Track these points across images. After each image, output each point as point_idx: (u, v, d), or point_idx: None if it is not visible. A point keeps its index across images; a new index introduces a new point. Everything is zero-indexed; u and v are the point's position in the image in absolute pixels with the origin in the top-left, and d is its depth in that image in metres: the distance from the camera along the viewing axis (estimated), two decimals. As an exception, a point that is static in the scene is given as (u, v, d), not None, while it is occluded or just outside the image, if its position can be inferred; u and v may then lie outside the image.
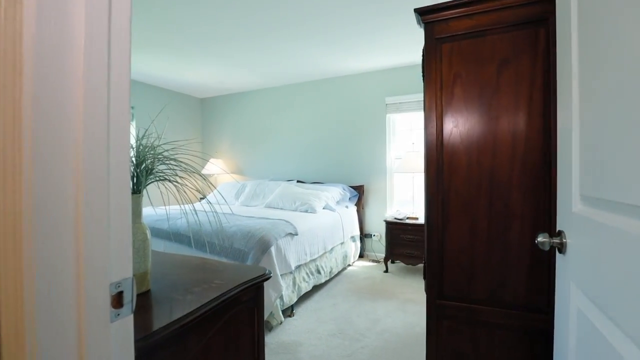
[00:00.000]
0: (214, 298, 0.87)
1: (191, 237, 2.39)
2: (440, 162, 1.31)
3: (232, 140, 5.19)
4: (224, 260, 2.24)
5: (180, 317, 0.76)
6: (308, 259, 2.66)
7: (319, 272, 2.89)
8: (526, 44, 1.19)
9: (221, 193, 4.33)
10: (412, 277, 3.39)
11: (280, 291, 2.14)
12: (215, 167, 4.90)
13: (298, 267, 2.56)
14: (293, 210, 3.36)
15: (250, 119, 5.00)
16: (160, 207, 3.99)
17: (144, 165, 0.93)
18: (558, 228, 0.92)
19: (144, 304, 0.85)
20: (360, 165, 4.17)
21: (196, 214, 1.09)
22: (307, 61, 3.76)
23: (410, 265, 3.56)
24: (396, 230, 3.47)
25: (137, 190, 0.92)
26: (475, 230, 1.26)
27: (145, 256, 0.90)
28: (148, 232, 0.94)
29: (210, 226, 2.40)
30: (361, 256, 4.09)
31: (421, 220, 3.46)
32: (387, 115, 4.04)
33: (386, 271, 3.55)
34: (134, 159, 0.93)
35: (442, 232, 1.32)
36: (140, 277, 0.89)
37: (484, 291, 1.26)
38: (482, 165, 1.25)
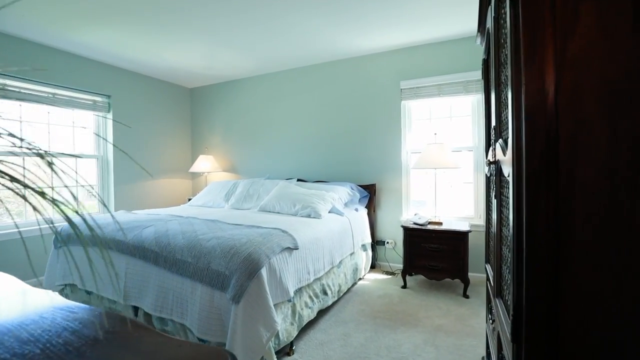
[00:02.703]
0: None
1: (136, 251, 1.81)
2: (552, 138, 0.73)
3: (224, 134, 4.62)
4: (198, 286, 1.66)
5: None
6: (312, 279, 2.08)
7: (325, 292, 2.31)
8: None
9: (209, 194, 3.75)
10: (437, 294, 2.81)
11: (275, 328, 1.57)
12: (204, 164, 4.33)
13: (299, 290, 1.99)
14: (293, 215, 2.78)
15: (244, 110, 4.43)
16: (138, 210, 3.41)
17: None
18: None
19: None
20: (370, 161, 3.59)
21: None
22: (308, 40, 3.18)
23: (433, 280, 2.98)
24: (416, 238, 2.89)
25: None
26: (629, 267, 0.68)
27: None
28: None
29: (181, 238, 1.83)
30: (373, 267, 3.52)
31: (446, 225, 2.88)
32: (402, 103, 3.46)
33: (404, 286, 2.97)
34: None
35: (555, 265, 0.74)
36: None
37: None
38: (640, 143, 0.67)
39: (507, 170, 0.88)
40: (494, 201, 1.19)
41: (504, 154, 0.95)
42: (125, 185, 4.03)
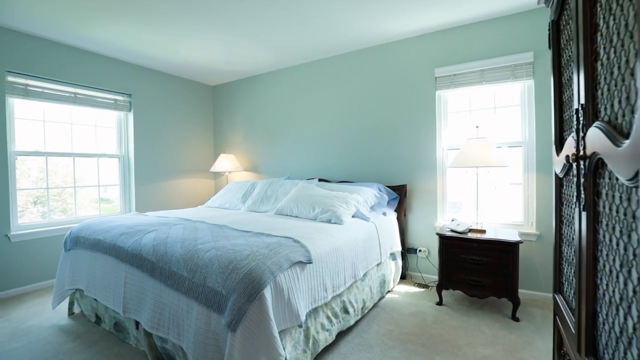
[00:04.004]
0: None
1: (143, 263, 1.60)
2: None
3: (245, 132, 4.44)
4: (194, 305, 1.42)
5: None
6: (329, 297, 1.78)
7: (346, 311, 2.00)
8: None
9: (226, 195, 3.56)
10: (479, 314, 2.39)
11: (280, 362, 1.29)
12: (225, 164, 4.17)
13: (314, 310, 1.70)
14: (311, 220, 2.50)
15: (265, 107, 4.22)
16: (154, 211, 3.28)
17: None
18: None
19: None
20: (401, 159, 3.22)
21: None
22: (330, 27, 2.88)
23: (475, 298, 2.56)
24: (454, 248, 2.49)
25: None
26: None
27: None
28: None
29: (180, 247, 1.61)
30: (403, 277, 3.15)
31: (490, 234, 2.46)
32: (437, 93, 3.06)
33: (440, 303, 2.58)
34: None
35: None
36: None
37: None
38: None
39: (632, 168, 0.53)
40: (582, 213, 0.82)
41: (616, 143, 0.59)
42: (147, 185, 3.96)
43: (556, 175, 1.17)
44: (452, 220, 2.76)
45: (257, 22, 2.77)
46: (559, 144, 1.13)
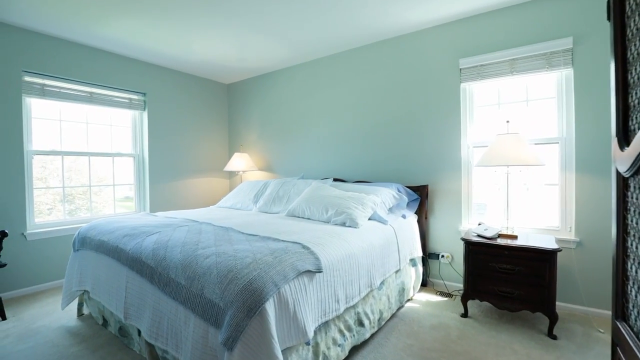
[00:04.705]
0: None
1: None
2: None
3: (259, 131, 4.33)
4: (191, 316, 1.29)
5: None
6: (342, 308, 1.62)
7: (361, 323, 1.83)
8: None
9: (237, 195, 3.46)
10: (510, 330, 2.15)
11: (284, 385, 1.14)
12: (239, 163, 4.08)
13: (325, 324, 1.54)
14: (324, 222, 2.33)
15: (279, 104, 4.09)
16: (165, 211, 3.23)
17: None
18: None
19: None
20: (422, 158, 3.00)
21: None
22: (349, 18, 2.70)
23: (505, 311, 2.32)
24: (481, 255, 2.26)
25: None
26: None
27: None
28: None
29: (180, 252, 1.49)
30: (424, 284, 2.93)
31: (522, 240, 2.22)
32: (462, 85, 2.82)
33: (465, 315, 2.36)
34: None
35: None
36: None
37: None
38: None
39: None
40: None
41: None
42: (161, 184, 3.93)
43: (618, 174, 0.95)
44: (479, 225, 2.52)
45: (271, 15, 2.64)
46: (623, 136, 0.92)
